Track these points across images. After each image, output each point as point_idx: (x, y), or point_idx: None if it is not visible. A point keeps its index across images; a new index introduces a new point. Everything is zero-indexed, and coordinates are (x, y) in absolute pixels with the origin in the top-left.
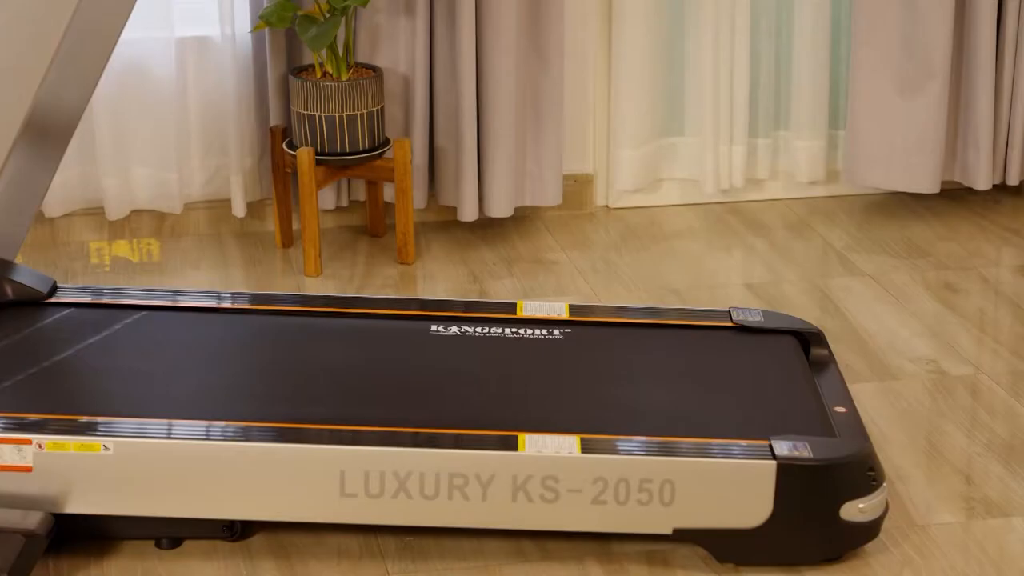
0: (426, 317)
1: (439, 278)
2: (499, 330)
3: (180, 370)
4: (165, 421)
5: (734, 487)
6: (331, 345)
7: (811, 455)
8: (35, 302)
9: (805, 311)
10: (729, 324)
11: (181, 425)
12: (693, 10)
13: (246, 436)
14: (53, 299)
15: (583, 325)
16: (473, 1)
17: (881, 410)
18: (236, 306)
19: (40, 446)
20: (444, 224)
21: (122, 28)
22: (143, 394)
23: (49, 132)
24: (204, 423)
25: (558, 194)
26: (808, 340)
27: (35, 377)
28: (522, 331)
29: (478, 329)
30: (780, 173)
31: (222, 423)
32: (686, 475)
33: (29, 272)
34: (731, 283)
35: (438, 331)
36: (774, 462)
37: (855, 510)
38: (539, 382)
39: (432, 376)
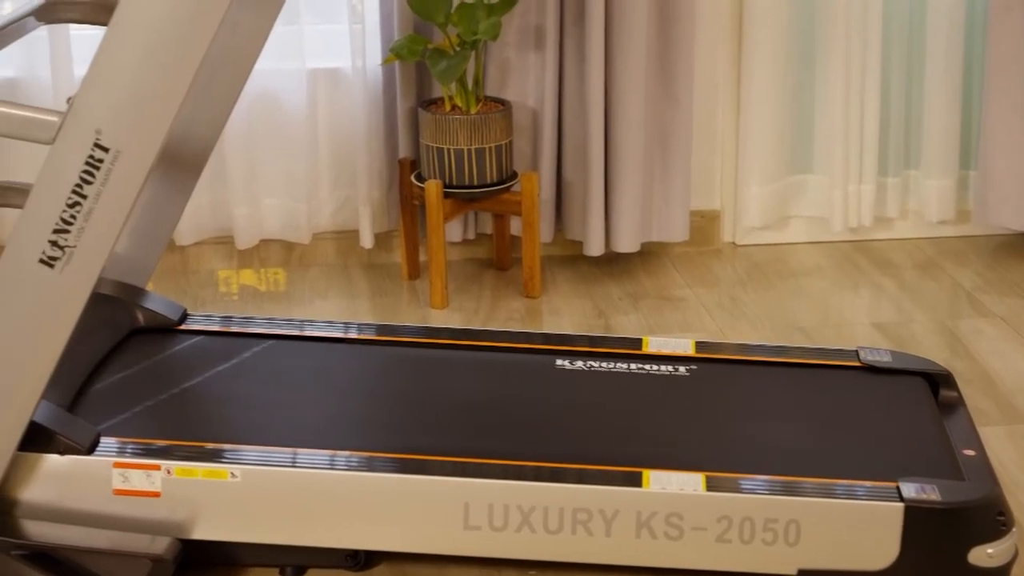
0: (551, 351)
1: (564, 312)
2: (625, 366)
3: (306, 399)
4: (291, 450)
5: (860, 529)
6: (456, 377)
7: (939, 498)
8: (166, 329)
9: (934, 352)
10: (857, 364)
11: (306, 454)
12: (824, 47)
13: (370, 466)
14: (183, 327)
15: (709, 362)
16: (603, 36)
17: (1011, 454)
18: (362, 337)
19: (169, 472)
20: (570, 258)
21: (255, 59)
22: (270, 422)
23: (182, 161)
24: (329, 452)
25: (685, 230)
26: (937, 382)
27: (165, 404)
28: (648, 367)
29: (603, 364)
30: (909, 212)
31: (347, 453)
32: (812, 515)
33: (160, 300)
34: (858, 322)
35: (563, 365)
36: (902, 504)
37: (983, 555)
38: (664, 418)
39: (557, 410)
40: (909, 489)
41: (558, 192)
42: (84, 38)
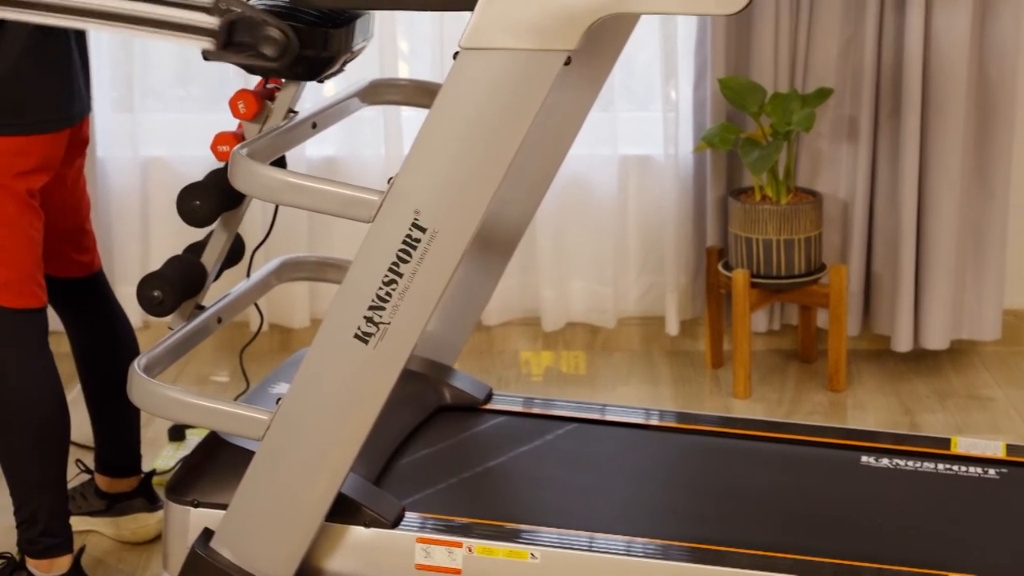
0: (855, 447)
1: (869, 408)
2: (931, 465)
3: (606, 484)
4: (589, 534)
5: None
6: (757, 469)
7: None
8: (471, 408)
9: None
10: None
11: (604, 539)
12: None
13: (667, 555)
14: (488, 406)
15: (1021, 466)
16: (918, 129)
17: None
18: (663, 424)
19: (470, 550)
20: (876, 353)
21: (570, 144)
22: (569, 505)
23: (495, 243)
24: (627, 539)
25: (997, 328)
26: None
27: (468, 481)
28: (955, 468)
29: (909, 463)
30: None
31: (644, 540)
32: None
33: (467, 378)
34: None
35: (868, 462)
36: None
37: None
38: (971, 522)
39: (859, 508)
40: None
41: (867, 285)
42: (411, 119)
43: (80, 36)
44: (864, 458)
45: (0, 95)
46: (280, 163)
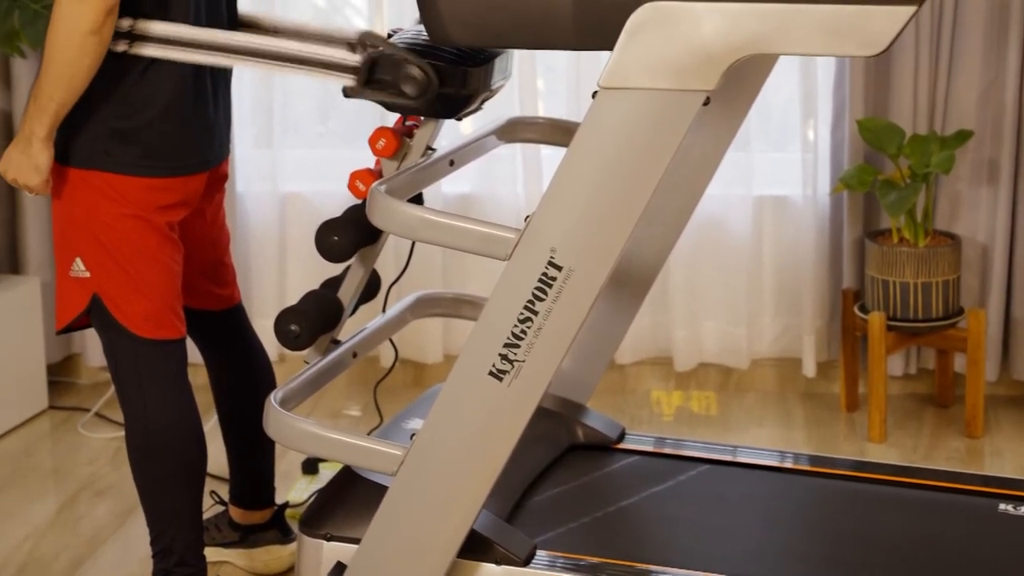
0: (993, 495)
1: (1007, 455)
2: None
3: (736, 527)
4: None
5: None
6: (890, 515)
7: None
8: (604, 447)
9: None
10: None
11: None
12: None
13: None
14: (620, 445)
15: None
16: None
17: None
18: (796, 467)
19: None
20: (1016, 399)
21: (706, 184)
22: (699, 548)
23: (629, 282)
24: None
25: None
26: None
27: (598, 521)
28: None
29: None
30: None
31: None
32: None
33: (600, 417)
34: None
35: (1006, 510)
36: None
37: None
38: None
39: (997, 556)
40: None
41: (1005, 330)
42: (550, 158)
43: (226, 79)
44: (1002, 506)
45: (147, 139)
46: (417, 200)
